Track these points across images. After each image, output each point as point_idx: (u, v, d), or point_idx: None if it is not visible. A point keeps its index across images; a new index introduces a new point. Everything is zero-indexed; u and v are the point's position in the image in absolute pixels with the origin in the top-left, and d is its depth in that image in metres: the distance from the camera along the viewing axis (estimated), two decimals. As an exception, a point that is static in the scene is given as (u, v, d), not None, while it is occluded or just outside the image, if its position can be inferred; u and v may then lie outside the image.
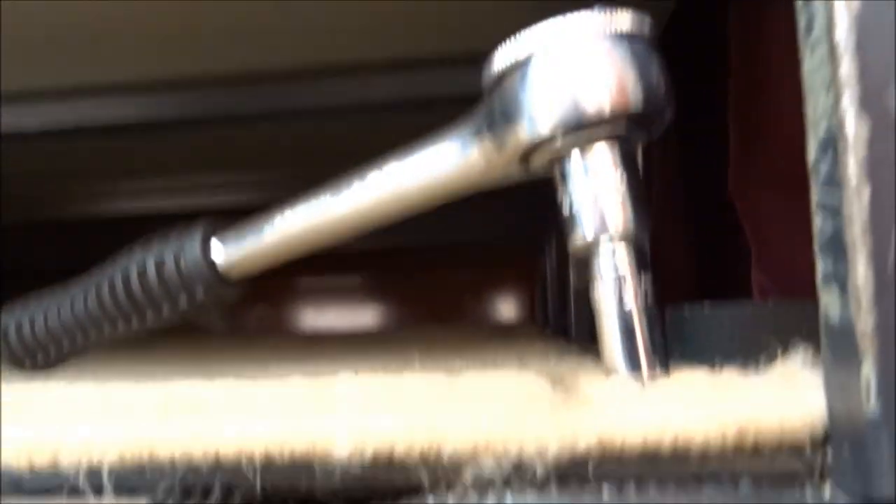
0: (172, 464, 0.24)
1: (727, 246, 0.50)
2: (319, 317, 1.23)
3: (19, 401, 0.29)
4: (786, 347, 0.26)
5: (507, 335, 0.77)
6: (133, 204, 0.67)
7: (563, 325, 0.71)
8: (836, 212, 0.19)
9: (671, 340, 0.31)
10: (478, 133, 0.30)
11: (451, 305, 1.19)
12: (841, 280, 0.20)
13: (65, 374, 0.41)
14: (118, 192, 0.66)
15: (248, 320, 1.21)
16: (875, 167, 0.18)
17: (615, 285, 0.27)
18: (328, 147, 0.44)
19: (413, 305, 1.21)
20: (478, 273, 1.20)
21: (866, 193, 0.18)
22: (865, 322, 0.19)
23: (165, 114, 0.41)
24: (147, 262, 0.35)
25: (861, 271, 0.18)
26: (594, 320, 0.29)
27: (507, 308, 1.21)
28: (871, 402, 0.19)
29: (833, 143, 0.19)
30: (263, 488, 0.24)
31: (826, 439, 0.22)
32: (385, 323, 1.21)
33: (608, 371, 0.28)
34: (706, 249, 0.53)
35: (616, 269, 0.27)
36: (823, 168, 0.20)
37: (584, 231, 0.28)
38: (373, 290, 1.23)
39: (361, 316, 1.21)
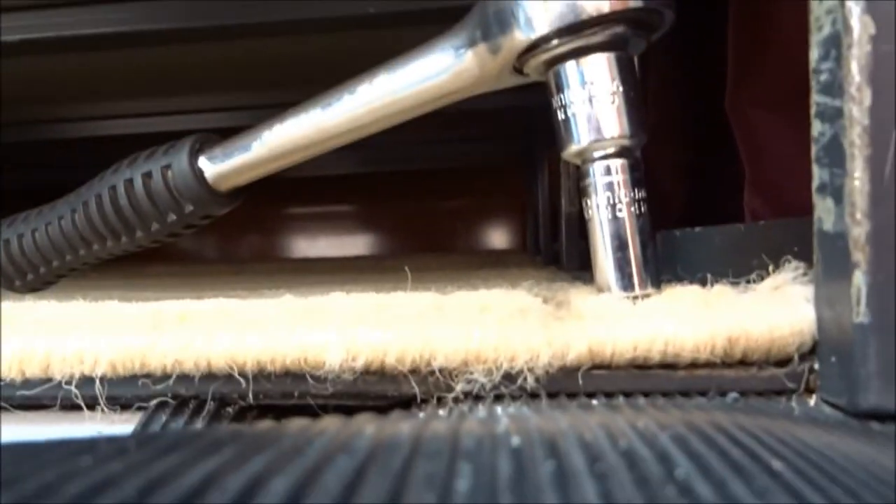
0: (164, 374, 0.24)
1: (721, 172, 0.49)
2: (310, 246, 1.22)
3: (10, 317, 0.29)
4: (777, 266, 0.26)
5: (499, 262, 0.77)
6: (129, 124, 0.66)
7: (555, 253, 0.71)
8: (835, 116, 0.19)
9: (663, 263, 0.31)
10: (472, 37, 0.29)
11: (441, 234, 1.18)
12: (836, 189, 0.19)
13: (55, 295, 0.41)
14: (113, 113, 0.65)
15: (240, 250, 1.21)
16: (877, 69, 0.18)
17: (608, 193, 0.26)
18: (321, 68, 0.43)
19: (403, 234, 1.20)
20: (469, 201, 1.19)
21: (867, 96, 0.18)
22: (860, 229, 0.19)
23: (153, 25, 0.40)
24: (135, 176, 0.34)
25: (858, 177, 0.18)
26: (585, 248, 0.28)
27: (498, 236, 1.20)
28: (860, 312, 0.19)
29: (836, 42, 0.19)
30: (256, 397, 0.24)
31: (814, 349, 0.22)
32: (376, 251, 1.21)
33: (600, 289, 0.28)
34: (698, 175, 0.53)
35: (609, 177, 0.26)
36: (824, 70, 0.19)
37: (579, 138, 0.27)
38: (363, 218, 1.22)
39: (352, 244, 1.21)
